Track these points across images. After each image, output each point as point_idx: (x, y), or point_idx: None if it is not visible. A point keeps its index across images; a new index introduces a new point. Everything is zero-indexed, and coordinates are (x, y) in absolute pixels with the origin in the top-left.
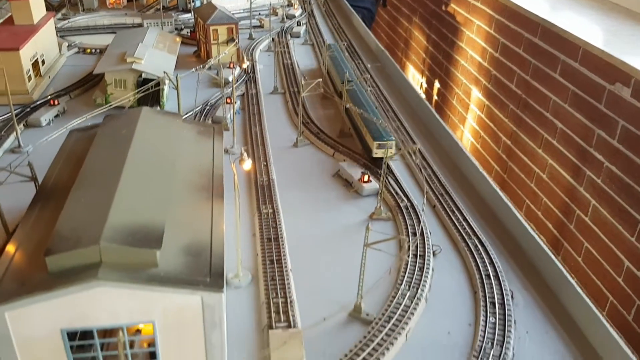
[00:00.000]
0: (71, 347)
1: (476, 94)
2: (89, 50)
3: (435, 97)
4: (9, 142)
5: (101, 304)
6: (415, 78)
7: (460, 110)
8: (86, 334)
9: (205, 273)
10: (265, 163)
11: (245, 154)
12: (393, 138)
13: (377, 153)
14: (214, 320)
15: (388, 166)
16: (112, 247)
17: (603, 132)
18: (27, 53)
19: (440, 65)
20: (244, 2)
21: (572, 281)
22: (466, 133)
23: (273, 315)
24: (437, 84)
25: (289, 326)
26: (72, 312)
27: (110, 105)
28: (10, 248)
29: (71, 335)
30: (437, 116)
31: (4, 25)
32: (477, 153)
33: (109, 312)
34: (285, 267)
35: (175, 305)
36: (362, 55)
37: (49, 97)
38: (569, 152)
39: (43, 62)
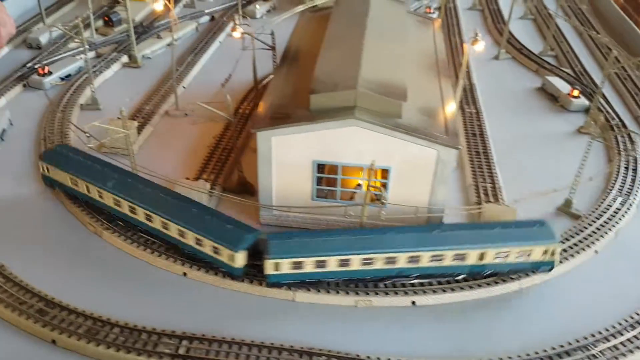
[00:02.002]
0: (318, 178)
1: None
2: None
3: None
4: (229, 27)
5: (351, 142)
6: None
7: None
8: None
9: (442, 131)
10: (466, 69)
11: (479, 35)
12: None
13: None
14: (443, 176)
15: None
16: (366, 93)
17: None
18: None
19: None
20: None
21: None
22: None
23: (482, 196)
24: None
25: None
26: (326, 146)
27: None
28: (270, 92)
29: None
30: None
31: None
32: None
33: (356, 151)
34: (491, 158)
35: (412, 156)
36: None
37: None
38: None
39: None
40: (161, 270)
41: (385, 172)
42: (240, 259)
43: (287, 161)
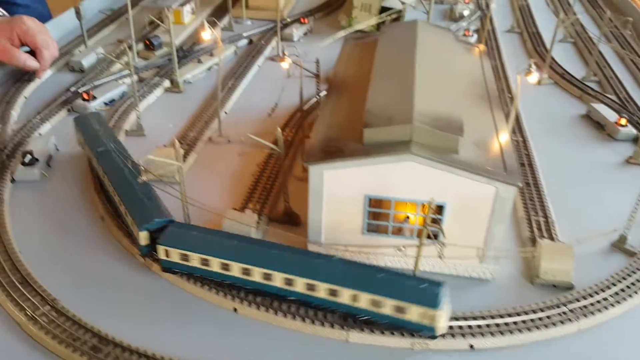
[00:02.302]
0: (368, 212)
1: None
2: None
3: None
4: (267, 51)
5: (405, 177)
6: None
7: None
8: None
9: (500, 167)
10: (509, 95)
11: (534, 66)
12: None
13: None
14: (502, 213)
15: None
16: (422, 128)
17: None
18: None
19: None
20: None
21: None
22: None
23: (535, 230)
24: None
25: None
26: (378, 181)
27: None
28: (319, 124)
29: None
30: None
31: None
32: None
33: (410, 186)
34: (542, 189)
35: (469, 192)
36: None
37: (299, 16)
38: None
39: None
40: (211, 305)
41: (440, 209)
42: (142, 238)
43: (338, 195)
